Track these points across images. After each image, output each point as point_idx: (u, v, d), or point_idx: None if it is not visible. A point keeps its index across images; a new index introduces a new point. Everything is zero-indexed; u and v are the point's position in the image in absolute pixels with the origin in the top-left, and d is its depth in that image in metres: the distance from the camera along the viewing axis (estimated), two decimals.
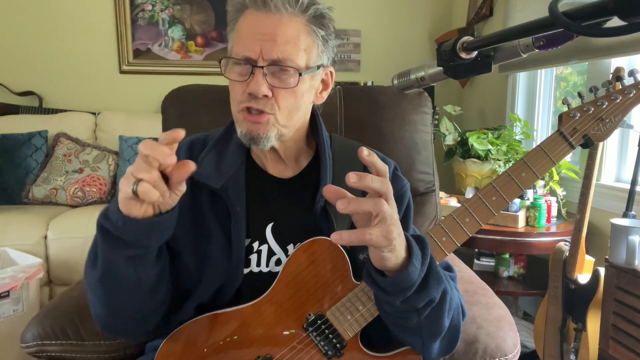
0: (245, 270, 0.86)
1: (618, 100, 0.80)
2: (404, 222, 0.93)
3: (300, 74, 0.80)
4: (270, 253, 0.88)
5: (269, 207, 0.90)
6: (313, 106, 0.91)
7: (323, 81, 0.89)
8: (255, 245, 0.87)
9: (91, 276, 0.76)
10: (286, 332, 0.82)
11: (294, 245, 0.87)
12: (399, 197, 0.93)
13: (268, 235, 0.88)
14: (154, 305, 0.81)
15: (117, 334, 0.90)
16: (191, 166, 0.65)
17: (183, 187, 0.68)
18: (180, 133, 0.63)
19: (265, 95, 0.79)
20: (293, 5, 0.78)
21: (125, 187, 0.64)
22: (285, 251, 0.88)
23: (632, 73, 0.82)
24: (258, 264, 0.87)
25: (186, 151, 0.91)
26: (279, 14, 0.78)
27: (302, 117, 0.87)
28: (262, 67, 0.78)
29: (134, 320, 0.81)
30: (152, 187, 0.63)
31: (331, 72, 0.89)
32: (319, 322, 0.81)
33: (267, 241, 0.88)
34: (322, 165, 0.89)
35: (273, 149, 0.87)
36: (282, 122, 0.82)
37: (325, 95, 0.91)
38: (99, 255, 0.74)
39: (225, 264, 0.85)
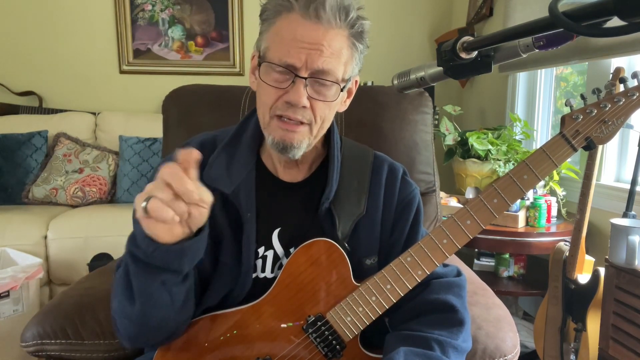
0: (252, 276, 0.86)
1: (621, 103, 0.79)
2: (414, 227, 0.93)
3: (341, 90, 0.80)
4: (276, 258, 0.87)
5: (277, 213, 0.89)
6: None
7: (348, 89, 0.88)
8: (261, 250, 0.87)
9: (130, 310, 0.75)
10: (284, 325, 0.81)
11: (296, 248, 0.87)
12: (407, 203, 0.92)
13: (274, 241, 0.87)
14: (182, 319, 0.80)
15: (143, 346, 0.89)
16: (195, 155, 0.63)
17: (208, 198, 0.65)
18: (195, 153, 0.63)
19: (304, 106, 0.77)
20: (343, 19, 0.77)
21: (138, 205, 0.63)
22: (289, 255, 0.87)
23: (635, 75, 0.81)
24: (263, 270, 0.87)
25: None
26: (327, 25, 0.76)
27: (327, 126, 0.87)
28: (305, 78, 0.76)
29: (164, 335, 0.80)
30: (164, 205, 0.61)
31: (356, 81, 0.89)
32: (319, 323, 0.81)
33: (273, 247, 0.87)
34: (329, 169, 0.88)
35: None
36: (314, 133, 0.82)
37: (349, 102, 0.90)
38: (134, 286, 0.73)
39: (235, 270, 0.84)
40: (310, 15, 0.75)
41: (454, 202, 2.19)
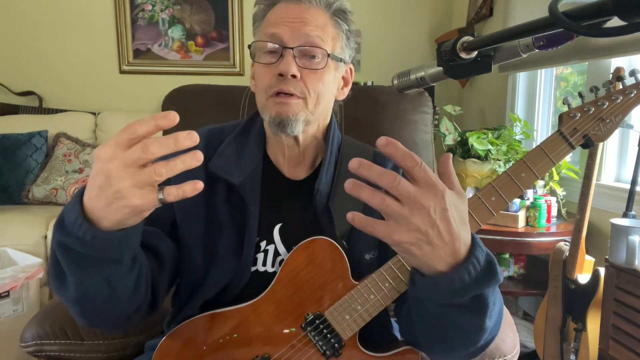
0: (252, 269, 0.86)
1: (619, 101, 0.80)
2: None
3: (328, 55, 0.83)
4: (276, 253, 0.88)
5: (279, 208, 0.90)
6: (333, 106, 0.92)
7: (343, 78, 0.91)
8: (263, 244, 0.88)
9: (63, 294, 0.68)
10: (286, 331, 0.82)
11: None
12: None
13: (275, 236, 0.88)
14: (133, 307, 0.75)
15: (102, 329, 0.92)
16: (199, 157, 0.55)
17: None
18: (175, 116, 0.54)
19: (294, 76, 0.80)
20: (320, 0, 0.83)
21: (138, 193, 0.54)
22: (290, 251, 0.88)
23: (633, 73, 0.81)
24: (264, 264, 0.87)
25: (203, 141, 0.90)
26: (309, 4, 0.83)
27: (326, 108, 0.88)
28: (292, 49, 0.80)
29: (116, 320, 0.76)
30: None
31: (351, 69, 0.92)
32: (318, 321, 0.81)
33: (274, 241, 0.88)
34: (322, 164, 0.89)
35: (294, 143, 0.87)
36: (310, 108, 0.83)
37: (347, 91, 0.93)
38: (68, 277, 0.64)
39: (234, 261, 0.85)
40: None
41: None
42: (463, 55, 0.59)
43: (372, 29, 3.37)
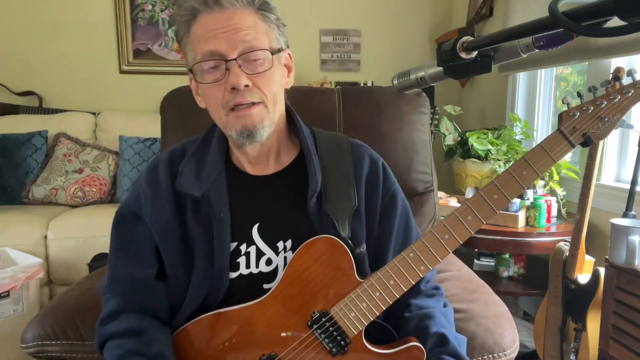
0: (234, 274, 0.86)
1: (617, 100, 0.81)
2: (405, 224, 0.94)
3: (272, 54, 0.82)
4: (260, 254, 0.88)
5: (254, 208, 0.90)
6: (285, 102, 0.91)
7: (286, 65, 0.90)
8: (243, 247, 0.87)
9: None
10: (284, 334, 0.82)
11: (284, 242, 0.88)
12: (392, 194, 0.94)
13: (255, 236, 0.88)
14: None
15: None
16: None
17: None
18: None
19: (247, 85, 0.79)
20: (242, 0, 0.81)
21: None
22: (275, 249, 0.88)
23: (630, 73, 0.83)
24: (247, 266, 0.87)
25: (165, 164, 0.91)
26: (232, 8, 0.80)
27: (281, 102, 0.88)
28: (235, 59, 0.79)
29: None
30: None
31: (289, 55, 0.91)
32: (324, 319, 0.81)
33: (254, 242, 0.88)
34: (308, 162, 0.89)
35: (259, 146, 0.87)
36: (271, 109, 0.84)
37: (292, 77, 0.92)
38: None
39: (209, 271, 0.85)
40: (212, 7, 0.79)
41: (453, 202, 2.19)
42: (463, 55, 0.60)
43: (372, 29, 3.37)
